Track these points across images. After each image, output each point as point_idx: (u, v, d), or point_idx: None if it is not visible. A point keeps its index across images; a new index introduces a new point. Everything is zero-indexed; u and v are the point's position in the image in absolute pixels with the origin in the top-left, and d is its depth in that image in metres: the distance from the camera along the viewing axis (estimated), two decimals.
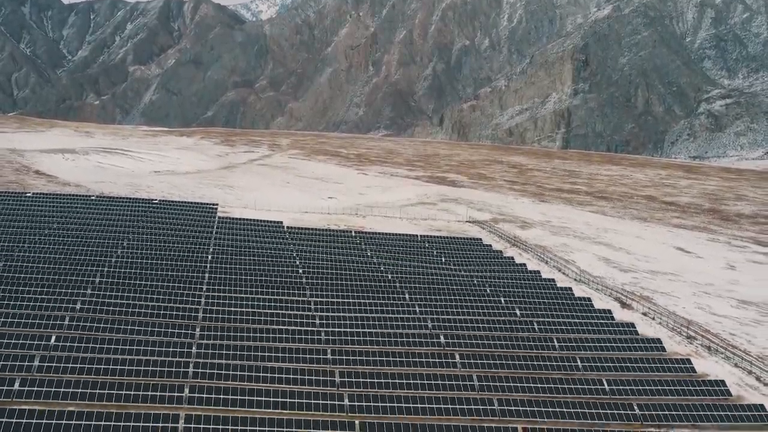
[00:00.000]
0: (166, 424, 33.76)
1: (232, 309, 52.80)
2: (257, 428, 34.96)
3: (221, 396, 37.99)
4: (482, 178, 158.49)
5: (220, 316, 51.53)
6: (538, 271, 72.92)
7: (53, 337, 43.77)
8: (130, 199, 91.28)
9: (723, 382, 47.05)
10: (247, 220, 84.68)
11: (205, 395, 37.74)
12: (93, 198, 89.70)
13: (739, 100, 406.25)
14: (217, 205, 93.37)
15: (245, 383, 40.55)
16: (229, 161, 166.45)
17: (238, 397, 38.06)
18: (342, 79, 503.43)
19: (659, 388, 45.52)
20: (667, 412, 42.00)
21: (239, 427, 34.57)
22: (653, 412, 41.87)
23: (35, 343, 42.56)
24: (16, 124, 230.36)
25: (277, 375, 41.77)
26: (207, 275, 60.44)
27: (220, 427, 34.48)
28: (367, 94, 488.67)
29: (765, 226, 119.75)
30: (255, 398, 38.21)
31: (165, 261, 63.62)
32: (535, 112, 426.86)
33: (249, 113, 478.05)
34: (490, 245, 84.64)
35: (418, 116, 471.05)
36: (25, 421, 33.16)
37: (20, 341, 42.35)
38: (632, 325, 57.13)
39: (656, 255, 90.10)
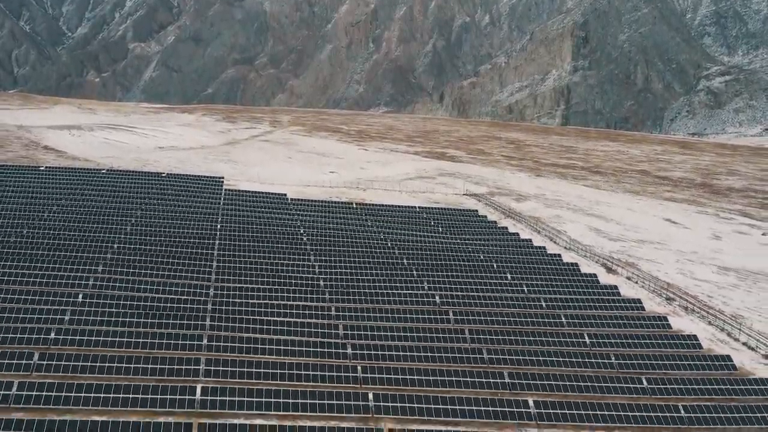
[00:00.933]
0: (189, 367, 37.68)
1: (241, 271, 56.63)
2: (270, 371, 38.99)
3: (236, 344, 41.96)
4: (480, 153, 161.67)
5: (231, 277, 55.41)
6: (530, 240, 76.81)
7: (80, 295, 47.70)
8: (140, 172, 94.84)
9: (695, 336, 51.13)
10: (252, 192, 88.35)
11: (222, 343, 41.70)
12: (104, 171, 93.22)
13: (739, 77, 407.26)
14: (223, 178, 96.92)
15: (257, 334, 44.50)
16: (231, 137, 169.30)
17: (252, 345, 42.05)
18: (342, 56, 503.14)
19: (635, 341, 49.61)
20: (641, 361, 46.11)
21: (254, 370, 38.59)
22: (628, 361, 45.99)
23: (65, 299, 46.42)
24: (19, 101, 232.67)
25: (285, 327, 45.73)
26: (217, 242, 64.32)
27: (237, 369, 38.46)
28: (368, 71, 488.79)
29: (753, 199, 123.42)
30: (267, 346, 42.25)
31: (177, 229, 67.42)
32: (534, 89, 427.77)
33: (249, 90, 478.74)
34: (486, 216, 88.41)
35: (418, 93, 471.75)
36: (63, 363, 37.14)
37: (51, 298, 46.24)
38: (615, 287, 61.12)
39: (645, 226, 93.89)
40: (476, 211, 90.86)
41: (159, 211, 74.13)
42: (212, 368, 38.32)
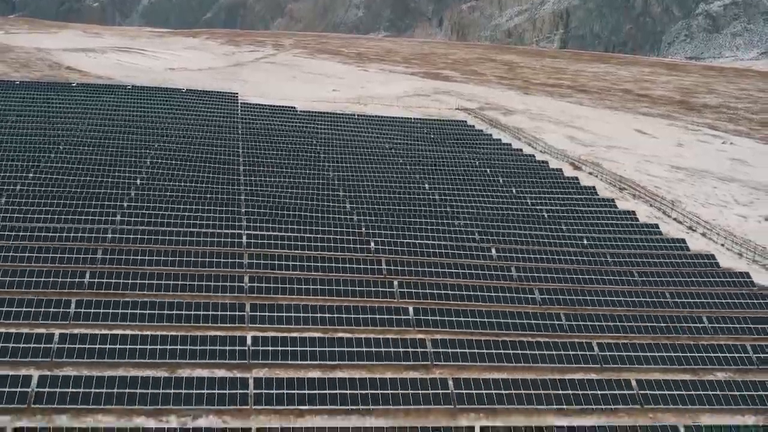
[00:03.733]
0: (234, 249, 49.13)
1: (265, 169, 67.98)
2: (297, 234, 50.46)
3: (270, 241, 51.44)
4: (474, 74, 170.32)
5: (257, 178, 66.89)
6: (510, 144, 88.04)
7: (132, 188, 58.79)
8: (162, 88, 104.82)
9: (633, 212, 63.26)
10: (265, 105, 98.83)
11: (258, 250, 52.20)
12: (129, 87, 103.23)
13: (737, 1, 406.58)
14: (237, 93, 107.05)
15: (287, 233, 51.47)
16: (236, 60, 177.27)
17: (285, 247, 51.18)
18: None
19: (584, 215, 61.73)
20: (584, 227, 58.28)
21: (284, 234, 50.00)
22: (576, 227, 58.14)
23: (106, 219, 50.99)
24: (26, 26, 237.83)
25: (312, 236, 50.98)
26: (240, 143, 75.51)
27: (276, 261, 47.13)
28: None
29: (724, 115, 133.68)
30: (300, 252, 49.79)
31: (204, 133, 78.43)
32: (533, 13, 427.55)
33: (248, 15, 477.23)
34: (473, 126, 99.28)
35: (417, 18, 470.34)
36: (114, 281, 40.87)
37: (94, 217, 51.21)
38: (576, 178, 72.86)
39: (616, 135, 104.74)
40: (465, 121, 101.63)
41: (185, 120, 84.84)
42: (254, 263, 46.22)
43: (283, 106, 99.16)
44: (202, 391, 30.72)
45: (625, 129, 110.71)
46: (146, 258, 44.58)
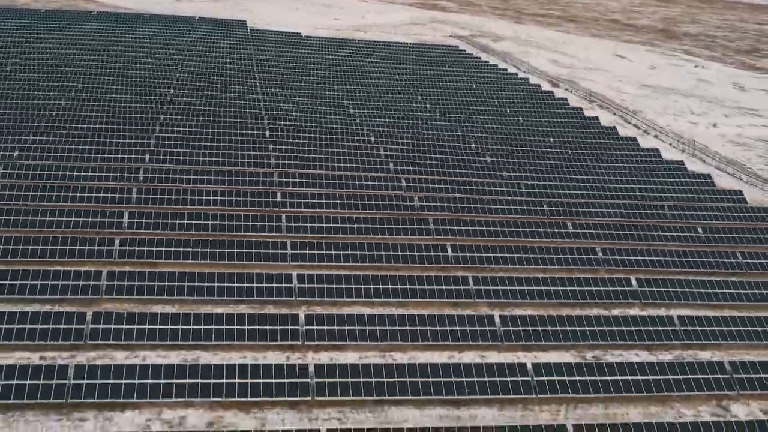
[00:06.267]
0: (263, 177, 59.61)
1: (280, 87, 77.69)
2: (316, 148, 60.91)
3: (296, 155, 63.15)
4: (469, 5, 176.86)
5: (273, 89, 76.66)
6: (496, 65, 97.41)
7: (157, 129, 68.92)
8: (176, 16, 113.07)
9: (597, 118, 73.68)
10: (273, 31, 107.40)
11: (280, 152, 63.15)
12: (146, 16, 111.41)
13: None
14: (245, 21, 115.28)
15: (312, 154, 64.66)
16: None
17: (307, 160, 63.12)
18: None
19: (553, 120, 72.03)
20: (549, 129, 68.79)
21: (307, 140, 60.41)
22: (541, 128, 68.62)
23: (146, 133, 64.98)
24: None
25: (321, 116, 66.70)
26: (255, 63, 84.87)
27: (295, 149, 59.97)
28: None
29: (701, 42, 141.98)
30: (311, 135, 63.05)
31: (220, 56, 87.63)
32: None
33: None
34: (465, 50, 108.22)
35: None
36: (150, 175, 58.05)
37: (132, 134, 66.20)
38: (552, 92, 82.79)
39: (596, 60, 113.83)
40: (457, 47, 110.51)
41: (202, 44, 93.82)
42: (283, 190, 59.63)
43: (289, 32, 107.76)
44: (252, 285, 38.90)
45: (605, 54, 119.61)
46: (185, 177, 55.19)
